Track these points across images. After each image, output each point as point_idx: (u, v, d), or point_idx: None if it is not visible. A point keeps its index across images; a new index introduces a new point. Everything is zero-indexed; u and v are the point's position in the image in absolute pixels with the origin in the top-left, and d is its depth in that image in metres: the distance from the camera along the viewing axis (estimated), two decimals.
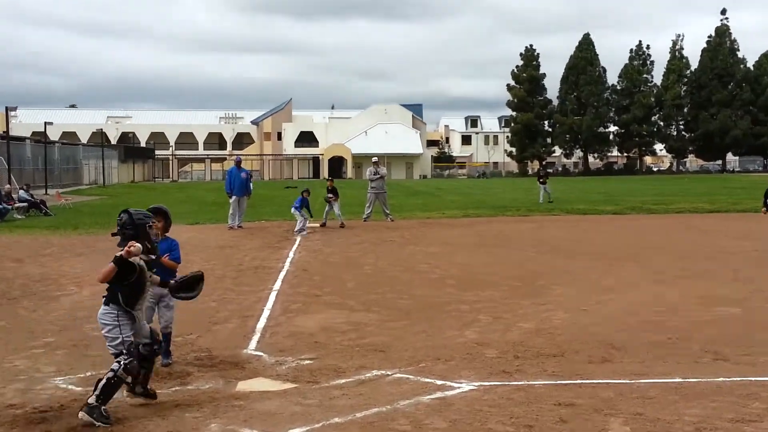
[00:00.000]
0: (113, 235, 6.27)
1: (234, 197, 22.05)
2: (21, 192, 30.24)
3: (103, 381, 5.81)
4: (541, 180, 34.39)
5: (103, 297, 6.08)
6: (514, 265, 14.23)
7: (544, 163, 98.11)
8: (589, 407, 5.96)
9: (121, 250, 5.93)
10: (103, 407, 5.73)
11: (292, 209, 21.83)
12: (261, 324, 9.25)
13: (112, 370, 5.89)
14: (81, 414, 5.68)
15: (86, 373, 7.09)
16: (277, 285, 12.14)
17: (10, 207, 26.98)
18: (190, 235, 19.79)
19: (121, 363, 5.90)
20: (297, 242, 18.42)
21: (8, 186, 30.19)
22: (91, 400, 5.75)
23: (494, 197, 40.73)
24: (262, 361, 7.51)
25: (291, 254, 16.08)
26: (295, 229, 21.29)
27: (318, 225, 22.52)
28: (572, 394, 6.28)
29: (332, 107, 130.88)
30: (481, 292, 11.32)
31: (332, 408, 5.99)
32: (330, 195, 22.86)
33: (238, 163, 23.00)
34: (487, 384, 6.62)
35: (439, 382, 6.67)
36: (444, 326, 9.06)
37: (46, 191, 42.93)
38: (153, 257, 6.28)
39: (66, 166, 59.12)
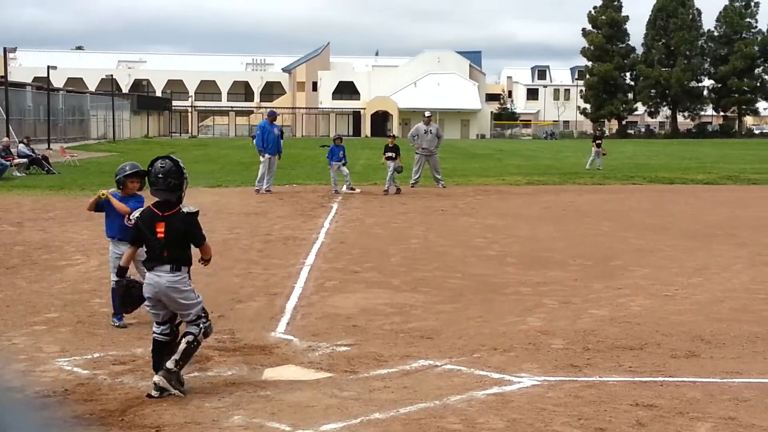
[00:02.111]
0: (151, 186, 6.36)
1: (266, 156, 22.18)
2: (21, 146, 30.79)
3: (183, 345, 6.19)
4: (597, 142, 34.18)
5: (163, 264, 6.24)
6: (586, 242, 14.14)
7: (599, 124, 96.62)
8: (672, 409, 5.93)
9: (182, 207, 6.33)
10: (180, 373, 6.16)
11: (333, 168, 22.48)
12: (291, 304, 9.34)
13: (190, 333, 6.27)
14: (157, 378, 6.08)
15: (93, 354, 7.24)
16: (310, 259, 12.23)
17: (8, 163, 27.53)
18: (213, 200, 20.03)
19: (201, 326, 6.31)
20: (333, 210, 18.52)
21: (6, 139, 30.72)
22: (170, 364, 6.12)
23: (564, 162, 40.41)
24: (292, 346, 7.60)
25: (326, 224, 16.19)
26: (345, 188, 22.08)
27: (383, 192, 22.41)
28: (652, 394, 6.25)
29: (376, 53, 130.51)
30: (546, 273, 11.28)
31: (372, 402, 6.05)
32: (391, 153, 22.87)
33: (272, 117, 23.11)
34: (552, 379, 6.62)
35: (495, 376, 6.68)
36: (502, 311, 9.06)
37: (48, 146, 43.72)
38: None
39: (71, 117, 60.09)
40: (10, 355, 7.22)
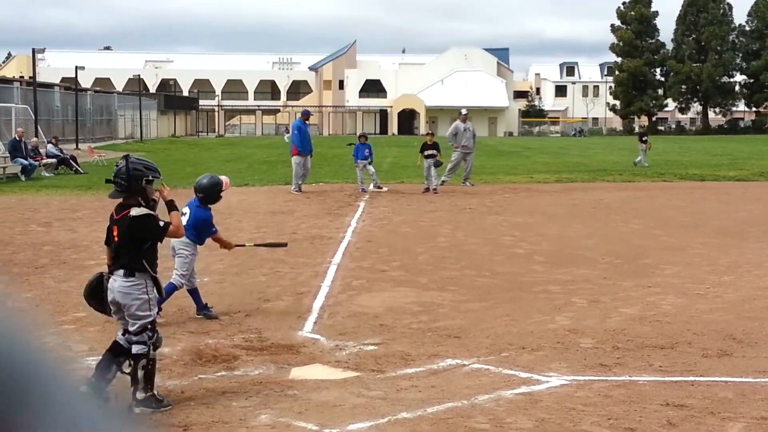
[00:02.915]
0: (107, 182, 6.27)
1: (300, 156, 22.22)
2: (49, 146, 31.09)
3: (141, 372, 5.94)
4: (644, 139, 34.08)
5: (118, 268, 6.04)
6: (616, 240, 14.05)
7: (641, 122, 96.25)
8: (703, 409, 5.88)
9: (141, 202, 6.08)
10: (154, 392, 5.95)
11: (359, 167, 22.52)
12: (318, 303, 9.36)
13: (141, 356, 5.96)
14: (138, 410, 5.86)
15: None
16: (337, 258, 12.25)
17: (36, 163, 27.81)
18: (240, 198, 20.11)
19: (147, 343, 6.00)
20: (360, 209, 18.53)
21: (35, 139, 31.01)
22: (140, 395, 5.91)
23: (593, 159, 40.20)
24: (319, 346, 7.61)
25: (353, 222, 16.20)
26: (372, 187, 22.25)
27: (427, 190, 22.20)
28: (683, 393, 6.20)
29: (403, 51, 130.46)
30: (575, 271, 11.23)
31: (400, 401, 6.05)
32: (431, 151, 22.40)
33: (306, 116, 23.19)
34: (581, 378, 6.59)
35: (524, 375, 6.66)
36: (531, 310, 9.03)
37: (77, 146, 44.11)
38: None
39: (99, 117, 60.60)
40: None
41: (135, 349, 5.99)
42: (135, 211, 6.02)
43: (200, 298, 8.68)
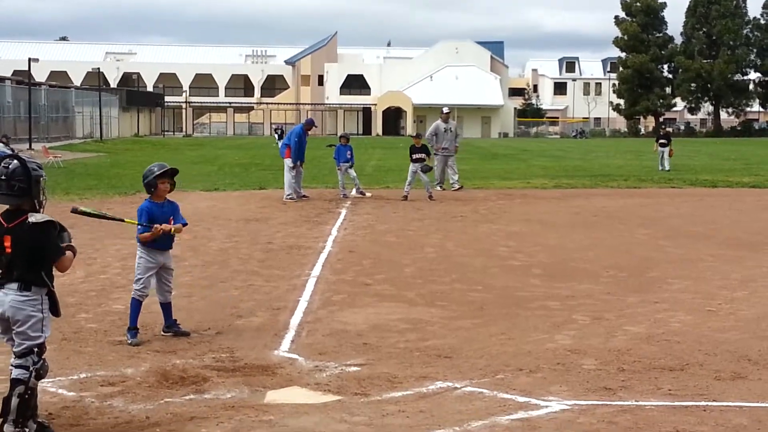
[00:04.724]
0: None
1: (292, 161, 22.29)
2: None
3: (15, 400, 5.69)
4: (662, 141, 34.28)
5: (11, 281, 5.76)
6: (620, 252, 14.11)
7: (662, 120, 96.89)
8: None
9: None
10: (26, 429, 5.70)
11: (341, 170, 22.62)
12: (296, 319, 9.36)
13: (20, 382, 5.70)
14: None
15: (79, 375, 7.26)
16: (317, 270, 12.25)
17: None
18: (209, 204, 20.07)
19: (30, 368, 5.74)
20: (342, 216, 18.54)
21: None
22: (8, 428, 5.65)
23: (595, 163, 40.39)
24: (297, 366, 7.61)
25: (334, 231, 16.21)
26: (354, 192, 22.35)
27: (403, 197, 21.87)
28: (694, 419, 6.23)
29: (388, 44, 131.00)
30: (576, 285, 11.26)
31: (385, 427, 6.05)
32: (420, 155, 22.33)
33: (309, 126, 23.25)
34: (583, 403, 6.61)
35: (521, 399, 6.67)
36: (528, 327, 9.05)
37: (30, 145, 43.92)
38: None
39: (55, 114, 60.42)
40: None
41: (15, 373, 5.73)
42: (34, 218, 5.74)
43: (171, 313, 8.66)
